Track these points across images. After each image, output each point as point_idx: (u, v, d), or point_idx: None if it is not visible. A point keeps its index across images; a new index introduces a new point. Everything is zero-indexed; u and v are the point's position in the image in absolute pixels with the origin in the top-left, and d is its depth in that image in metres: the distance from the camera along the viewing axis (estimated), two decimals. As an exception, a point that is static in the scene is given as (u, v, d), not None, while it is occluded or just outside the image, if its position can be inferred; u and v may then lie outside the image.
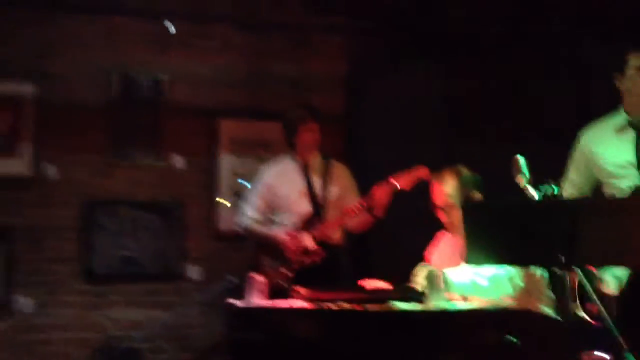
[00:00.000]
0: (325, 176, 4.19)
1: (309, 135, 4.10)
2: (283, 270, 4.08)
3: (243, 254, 4.99)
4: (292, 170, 4.20)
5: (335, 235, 4.14)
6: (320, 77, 5.34)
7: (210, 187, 5.08)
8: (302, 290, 2.98)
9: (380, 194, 3.91)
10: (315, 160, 4.20)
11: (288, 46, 5.30)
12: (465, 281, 2.80)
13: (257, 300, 3.19)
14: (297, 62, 5.31)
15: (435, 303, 2.64)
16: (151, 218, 4.87)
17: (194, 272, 4.96)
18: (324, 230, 4.11)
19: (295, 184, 4.17)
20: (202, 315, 4.84)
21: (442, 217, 3.14)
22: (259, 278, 3.34)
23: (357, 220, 4.09)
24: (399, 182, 3.89)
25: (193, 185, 5.04)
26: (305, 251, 4.06)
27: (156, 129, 4.97)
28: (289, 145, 4.23)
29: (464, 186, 3.08)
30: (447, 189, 3.10)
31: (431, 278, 2.65)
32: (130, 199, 4.87)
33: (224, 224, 5.05)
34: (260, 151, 5.22)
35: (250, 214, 4.21)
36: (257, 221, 4.22)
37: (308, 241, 4.08)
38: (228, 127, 5.16)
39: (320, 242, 4.08)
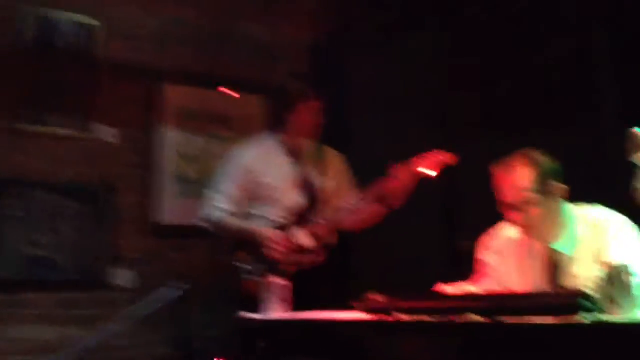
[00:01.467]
0: (320, 164, 3.32)
1: (308, 115, 3.27)
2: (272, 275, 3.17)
3: (191, 255, 3.99)
4: (278, 155, 3.33)
5: (334, 234, 3.29)
6: (289, 43, 4.40)
7: (149, 169, 4.01)
8: (377, 298, 2.08)
9: (401, 180, 3.08)
10: (307, 146, 3.32)
11: (256, 4, 4.32)
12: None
13: (282, 312, 2.40)
14: (265, 24, 4.35)
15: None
16: (72, 206, 3.73)
17: (125, 277, 3.88)
18: (325, 227, 3.24)
19: (284, 172, 3.30)
20: (136, 334, 3.79)
21: (516, 217, 2.33)
22: (281, 282, 2.47)
23: (365, 214, 3.24)
24: (422, 166, 3.07)
25: (128, 166, 3.95)
26: (301, 250, 3.18)
27: (82, 90, 3.83)
28: (277, 124, 3.38)
29: (543, 176, 2.29)
30: (521, 182, 2.29)
31: (618, 276, 1.72)
32: (45, 180, 3.70)
33: (167, 215, 4.01)
34: (214, 127, 4.22)
35: (223, 206, 3.28)
36: (232, 214, 3.26)
37: (304, 239, 3.20)
38: (175, 95, 4.10)
39: (323, 241, 3.24)
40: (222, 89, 3.95)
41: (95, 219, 3.78)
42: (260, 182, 3.26)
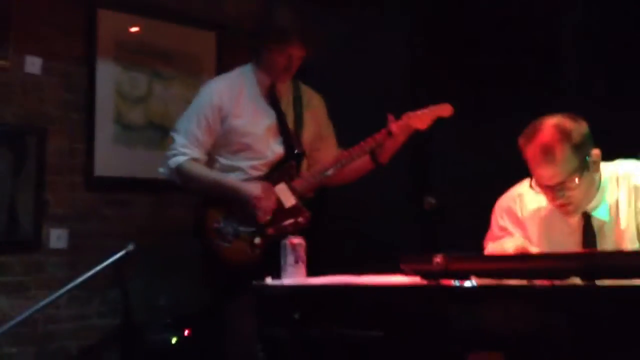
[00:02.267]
0: (298, 108, 2.87)
1: (289, 59, 2.75)
2: (256, 238, 2.70)
3: (131, 212, 3.43)
4: (254, 95, 2.80)
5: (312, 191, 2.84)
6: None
7: (81, 109, 3.36)
8: (438, 258, 1.67)
9: (394, 134, 2.72)
10: (284, 86, 2.83)
11: None
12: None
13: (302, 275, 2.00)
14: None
15: None
16: (-11, 151, 3.05)
17: (57, 238, 3.24)
18: (307, 181, 2.78)
19: (260, 115, 2.78)
20: (72, 304, 3.18)
21: (552, 197, 2.01)
22: (298, 240, 2.10)
23: (350, 168, 2.81)
24: (416, 121, 2.73)
25: (55, 104, 3.27)
26: (283, 210, 2.72)
27: (-1, 10, 3.11)
28: (254, 58, 2.84)
29: (578, 149, 1.97)
30: (557, 164, 1.96)
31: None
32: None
33: (103, 165, 3.38)
34: (156, 64, 3.61)
35: (190, 151, 2.73)
36: (199, 162, 2.75)
37: (286, 196, 2.74)
38: (111, 22, 3.44)
39: (302, 198, 2.76)
40: None
41: (18, 169, 3.11)
42: (233, 125, 2.74)
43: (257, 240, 2.69)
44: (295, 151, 2.80)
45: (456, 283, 1.63)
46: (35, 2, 3.20)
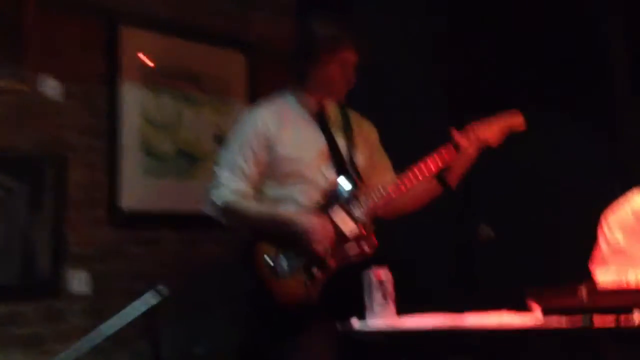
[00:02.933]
0: (349, 132, 2.52)
1: (345, 67, 2.41)
2: (314, 270, 2.33)
3: (159, 250, 3.05)
4: (300, 119, 2.47)
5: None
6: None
7: (105, 136, 3.01)
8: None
9: (464, 150, 2.36)
10: (331, 108, 2.50)
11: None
12: None
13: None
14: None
15: None
16: (3, 183, 2.68)
17: (78, 281, 2.85)
18: (366, 206, 2.41)
19: (309, 140, 2.44)
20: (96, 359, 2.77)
21: None
22: (385, 274, 1.75)
23: (412, 194, 2.44)
24: (486, 134, 2.38)
25: (77, 131, 2.93)
26: (343, 239, 2.33)
27: (13, 25, 2.78)
28: (297, 79, 2.50)
29: None
30: None
31: None
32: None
33: (129, 198, 3.02)
34: (184, 87, 3.28)
35: (235, 185, 2.38)
36: (246, 196, 2.39)
37: (345, 222, 2.37)
38: (135, 41, 3.13)
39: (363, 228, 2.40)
40: None
41: (34, 203, 2.74)
42: (281, 153, 2.39)
43: (317, 272, 2.32)
44: (351, 175, 2.45)
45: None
46: (52, 19, 2.88)
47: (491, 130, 2.37)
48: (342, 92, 2.47)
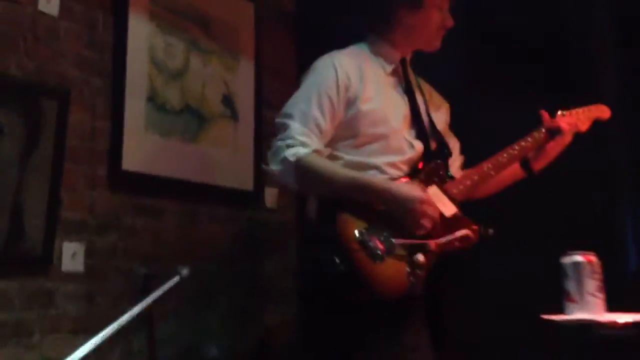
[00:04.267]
0: (425, 98, 2.17)
1: (441, 11, 2.08)
2: (417, 255, 1.91)
3: (163, 224, 2.50)
4: (381, 74, 2.07)
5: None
6: None
7: (105, 73, 2.35)
8: None
9: (565, 132, 2.16)
10: (408, 70, 2.14)
11: None
12: None
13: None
14: None
15: None
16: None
17: (72, 257, 2.17)
18: (463, 185, 2.07)
19: (393, 100, 2.05)
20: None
21: None
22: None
23: (502, 176, 2.17)
24: (580, 122, 2.22)
25: (74, 60, 2.25)
26: (443, 221, 1.95)
27: None
28: (376, 28, 2.10)
29: None
30: None
31: None
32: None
33: (132, 156, 2.39)
34: (194, 30, 2.71)
35: (309, 141, 1.91)
36: (323, 155, 1.95)
37: (443, 202, 2.03)
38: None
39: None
40: None
41: (29, 147, 2.03)
42: (363, 111, 1.97)
43: (421, 257, 1.91)
44: (444, 149, 2.09)
45: None
46: None
47: (585, 118, 2.21)
48: (438, 40, 2.09)
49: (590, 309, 1.40)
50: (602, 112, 2.25)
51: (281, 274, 2.86)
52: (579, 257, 1.47)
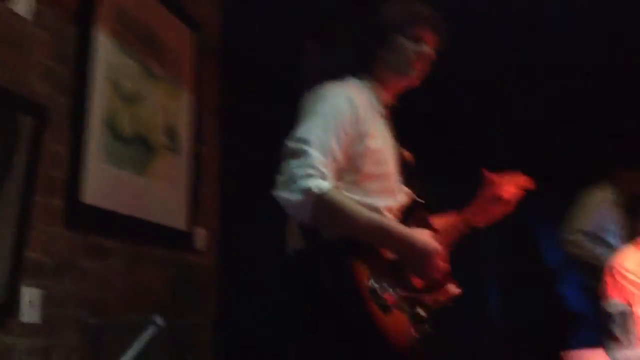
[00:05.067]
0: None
1: (423, 50, 1.98)
2: (417, 309, 1.91)
3: (111, 266, 2.26)
4: (375, 111, 1.98)
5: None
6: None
7: (69, 89, 2.03)
8: None
9: (503, 192, 2.22)
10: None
11: None
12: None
13: None
14: None
15: None
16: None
17: (29, 304, 1.80)
18: (445, 236, 2.11)
19: (389, 142, 1.99)
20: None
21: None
22: None
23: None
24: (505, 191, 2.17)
25: (43, 73, 1.93)
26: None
27: None
28: (362, 61, 2.01)
29: None
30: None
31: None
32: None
33: (91, 189, 2.07)
34: (146, 52, 2.46)
35: (329, 173, 1.75)
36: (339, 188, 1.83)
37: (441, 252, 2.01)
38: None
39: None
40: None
41: (2, 169, 1.68)
42: (371, 148, 1.88)
43: (421, 312, 1.91)
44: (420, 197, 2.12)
45: None
46: None
47: (507, 191, 2.22)
48: (419, 78, 2.01)
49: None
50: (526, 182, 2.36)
51: (203, 326, 2.67)
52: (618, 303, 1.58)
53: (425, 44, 1.97)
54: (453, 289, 1.96)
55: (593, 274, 3.89)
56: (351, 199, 1.77)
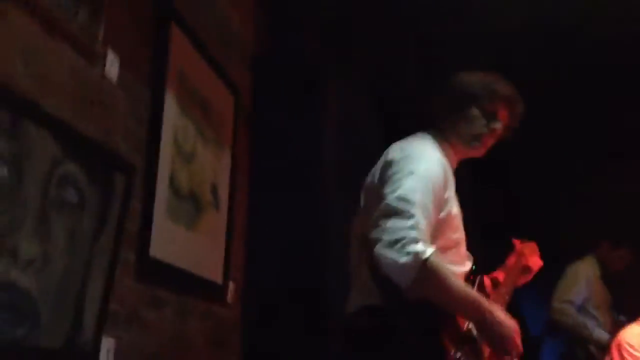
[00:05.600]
0: None
1: (493, 134, 2.10)
2: None
3: (164, 321, 2.35)
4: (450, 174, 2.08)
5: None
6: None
7: (143, 148, 2.14)
8: None
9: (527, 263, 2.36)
10: None
11: None
12: None
13: None
14: None
15: None
16: (77, 180, 1.67)
17: (107, 351, 1.86)
18: (501, 303, 2.24)
19: (458, 203, 2.08)
20: None
21: None
22: None
23: None
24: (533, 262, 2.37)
25: (124, 130, 2.04)
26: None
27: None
28: (440, 127, 2.10)
29: None
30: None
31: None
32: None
33: (157, 244, 2.16)
34: (200, 115, 2.60)
35: (431, 239, 1.82)
36: None
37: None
38: (180, 43, 2.40)
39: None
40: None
41: (99, 228, 1.76)
42: (453, 214, 1.97)
43: None
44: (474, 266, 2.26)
45: None
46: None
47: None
48: (484, 151, 2.13)
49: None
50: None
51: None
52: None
53: (499, 120, 2.06)
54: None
55: (577, 342, 4.12)
56: (447, 267, 1.81)
